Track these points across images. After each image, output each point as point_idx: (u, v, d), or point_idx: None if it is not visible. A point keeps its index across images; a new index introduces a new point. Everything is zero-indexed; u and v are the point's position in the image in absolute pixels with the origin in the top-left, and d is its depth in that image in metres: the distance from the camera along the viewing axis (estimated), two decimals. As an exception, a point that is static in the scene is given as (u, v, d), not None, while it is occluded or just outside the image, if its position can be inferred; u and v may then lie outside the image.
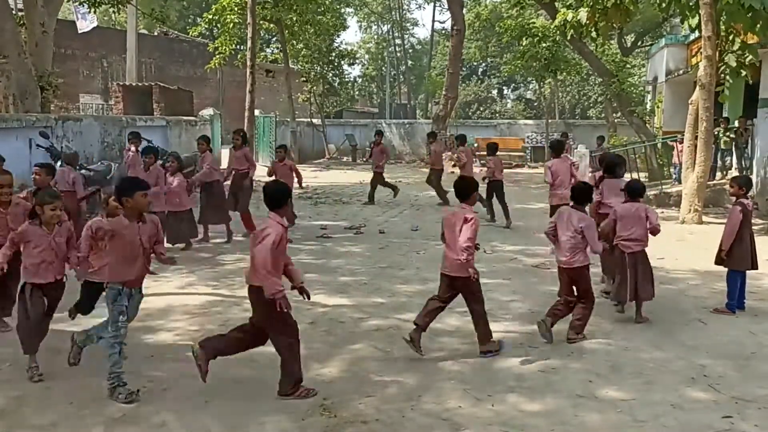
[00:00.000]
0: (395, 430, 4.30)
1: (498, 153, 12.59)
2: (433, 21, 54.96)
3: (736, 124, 15.92)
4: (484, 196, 12.04)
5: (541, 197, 14.70)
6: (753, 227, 7.25)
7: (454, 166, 15.01)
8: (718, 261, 7.08)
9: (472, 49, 45.59)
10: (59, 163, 10.86)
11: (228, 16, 25.86)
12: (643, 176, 18.03)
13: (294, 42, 29.23)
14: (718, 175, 16.24)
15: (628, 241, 6.60)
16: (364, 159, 26.23)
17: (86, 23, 26.14)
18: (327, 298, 7.35)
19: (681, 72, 20.68)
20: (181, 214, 9.74)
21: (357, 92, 47.89)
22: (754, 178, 13.67)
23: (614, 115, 27.93)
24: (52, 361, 5.35)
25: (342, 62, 32.38)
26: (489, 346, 5.57)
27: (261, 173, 13.50)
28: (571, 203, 6.25)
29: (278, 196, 4.80)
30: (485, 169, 12.96)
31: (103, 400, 4.63)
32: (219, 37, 27.16)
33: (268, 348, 5.69)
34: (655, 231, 6.58)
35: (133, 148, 11.09)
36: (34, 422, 4.32)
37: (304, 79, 30.80)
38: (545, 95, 37.91)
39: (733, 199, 7.17)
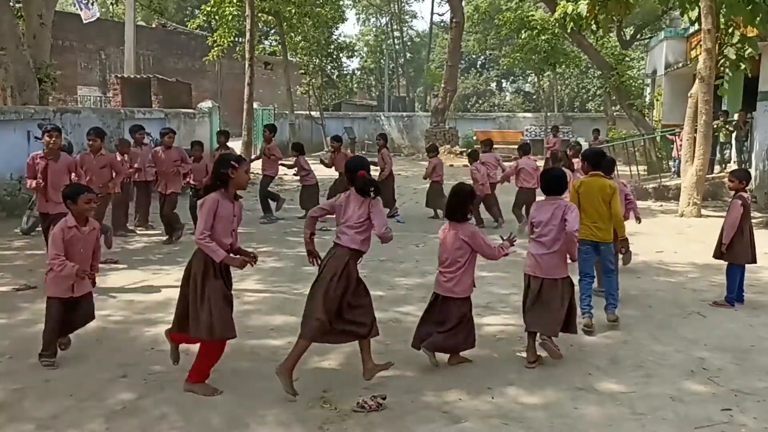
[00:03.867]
0: (395, 422, 4.31)
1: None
2: (432, 13, 55.22)
3: (736, 117, 15.91)
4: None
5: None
6: (752, 220, 7.26)
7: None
8: (717, 255, 7.08)
9: (471, 42, 45.48)
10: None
11: (226, 8, 25.81)
12: (642, 169, 18.07)
13: (292, 34, 29.16)
14: (717, 168, 16.25)
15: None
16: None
17: (90, 13, 26.04)
18: (326, 291, 7.33)
19: (680, 65, 20.65)
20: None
21: (355, 85, 47.75)
22: (752, 171, 13.68)
23: (613, 108, 27.93)
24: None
25: (340, 55, 32.30)
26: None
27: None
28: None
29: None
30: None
31: (103, 393, 4.63)
32: (217, 29, 27.09)
33: (269, 341, 5.72)
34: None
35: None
36: (35, 414, 4.32)
37: (303, 71, 30.73)
38: (544, 88, 37.88)
39: (732, 192, 7.17)
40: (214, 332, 4.47)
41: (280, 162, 12.67)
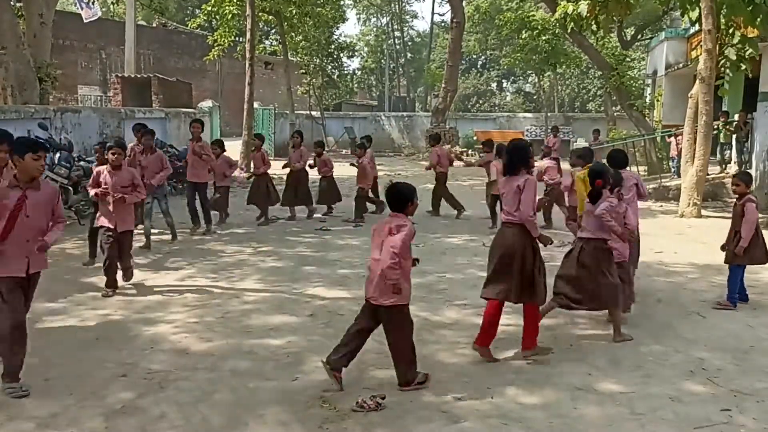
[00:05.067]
0: (394, 422, 4.31)
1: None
2: (433, 13, 55.12)
3: (736, 117, 15.90)
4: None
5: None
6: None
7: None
8: (730, 259, 6.96)
9: (472, 42, 45.48)
10: (57, 154, 10.85)
11: (227, 8, 25.81)
12: (642, 170, 18.07)
13: (293, 34, 29.17)
14: (717, 168, 16.25)
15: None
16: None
17: (91, 12, 26.04)
18: (326, 291, 7.35)
19: (681, 65, 20.66)
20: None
21: (356, 85, 47.74)
22: (753, 172, 13.67)
23: (614, 108, 27.92)
24: (51, 353, 5.36)
25: (341, 54, 32.32)
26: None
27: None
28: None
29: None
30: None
31: (102, 392, 4.63)
32: (218, 28, 27.10)
33: (268, 341, 5.71)
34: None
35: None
36: (35, 413, 4.32)
37: (303, 71, 30.74)
38: (544, 88, 37.89)
39: (737, 196, 7.14)
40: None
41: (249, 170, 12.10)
